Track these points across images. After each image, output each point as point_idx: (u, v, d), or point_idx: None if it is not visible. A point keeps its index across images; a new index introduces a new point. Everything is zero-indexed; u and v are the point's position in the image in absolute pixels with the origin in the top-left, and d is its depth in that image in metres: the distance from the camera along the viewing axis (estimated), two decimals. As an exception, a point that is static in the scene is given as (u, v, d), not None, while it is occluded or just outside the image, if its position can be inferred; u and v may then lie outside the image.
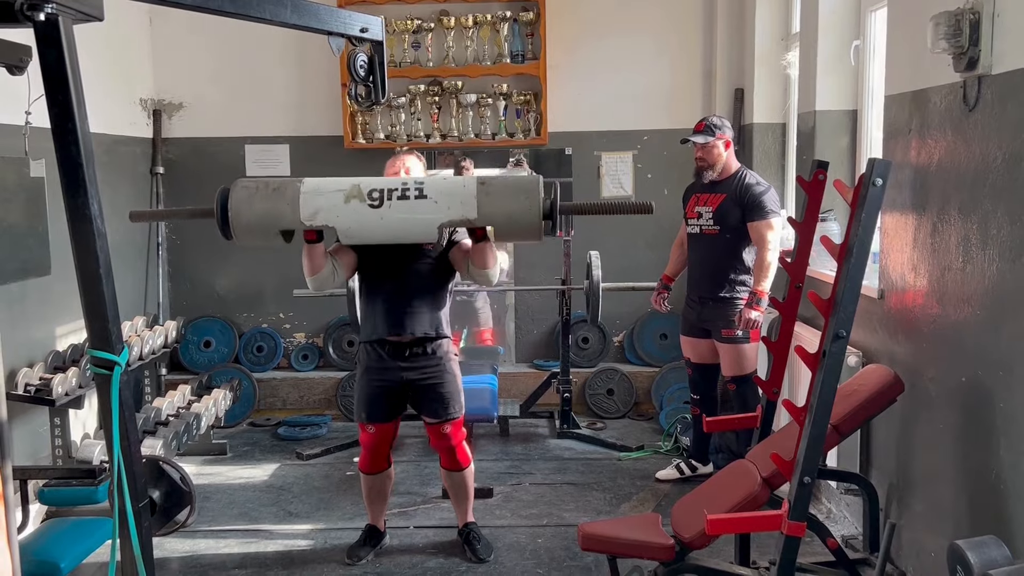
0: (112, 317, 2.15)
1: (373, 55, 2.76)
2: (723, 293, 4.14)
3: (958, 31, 2.61)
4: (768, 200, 4.05)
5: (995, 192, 2.61)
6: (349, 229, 2.93)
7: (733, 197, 4.10)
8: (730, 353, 4.15)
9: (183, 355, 5.79)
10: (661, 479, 4.47)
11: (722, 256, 4.15)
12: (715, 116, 4.21)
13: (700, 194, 4.24)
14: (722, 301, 4.14)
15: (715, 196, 4.15)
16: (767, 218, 4.03)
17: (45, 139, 2.09)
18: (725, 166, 4.16)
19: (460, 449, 3.61)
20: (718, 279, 4.16)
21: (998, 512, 2.61)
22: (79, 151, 2.04)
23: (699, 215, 4.21)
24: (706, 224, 4.18)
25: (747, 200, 4.06)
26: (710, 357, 4.30)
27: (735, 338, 4.11)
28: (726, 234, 4.12)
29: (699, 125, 4.16)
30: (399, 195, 2.87)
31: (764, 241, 4.02)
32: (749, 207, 4.05)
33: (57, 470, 3.64)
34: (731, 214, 4.10)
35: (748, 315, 4.00)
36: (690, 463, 4.47)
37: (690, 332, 4.36)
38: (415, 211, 2.88)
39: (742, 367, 4.13)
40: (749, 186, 4.09)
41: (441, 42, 5.68)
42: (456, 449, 3.59)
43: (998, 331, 2.62)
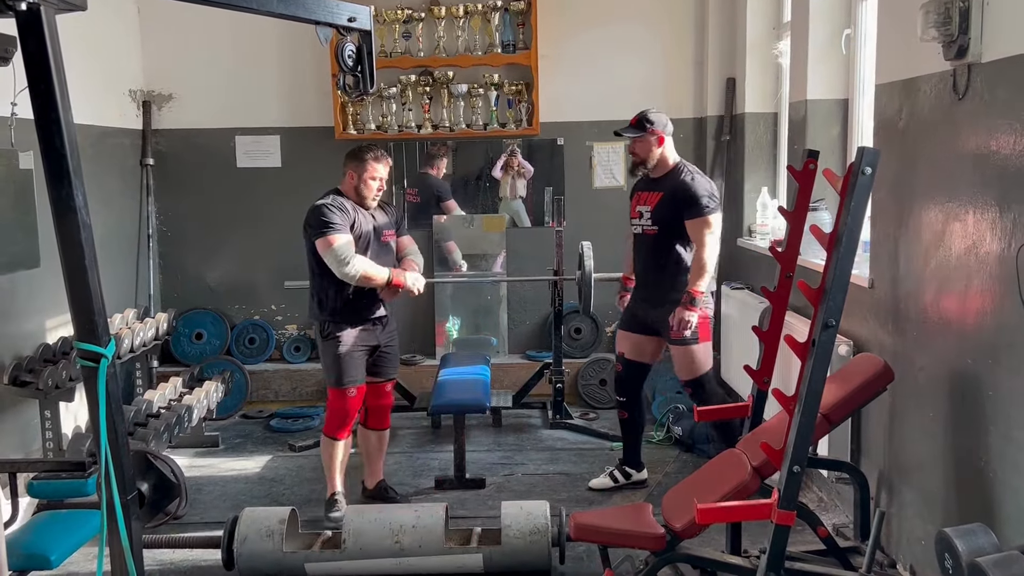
0: (98, 309, 2.13)
1: (361, 45, 2.74)
2: (670, 294, 3.95)
3: (947, 19, 2.61)
4: (706, 197, 3.89)
5: (984, 180, 2.61)
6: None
7: (670, 195, 3.94)
8: (680, 356, 4.00)
9: (174, 347, 5.78)
10: (594, 488, 4.26)
11: (664, 256, 3.99)
12: (652, 111, 4.00)
13: (642, 192, 4.09)
14: (671, 303, 3.93)
15: (654, 195, 3.99)
16: (703, 215, 3.87)
17: (33, 131, 2.07)
18: (661, 162, 3.98)
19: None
20: (663, 280, 4.00)
21: (986, 500, 2.62)
22: (63, 142, 2.02)
23: (640, 215, 4.05)
24: (646, 224, 4.01)
25: (683, 197, 3.90)
26: (647, 356, 4.16)
27: (684, 340, 3.94)
28: (666, 234, 3.96)
29: (633, 119, 4.00)
30: None
31: (701, 239, 3.86)
32: (685, 204, 3.89)
33: (46, 463, 3.62)
34: (669, 213, 3.93)
35: (682, 315, 3.85)
36: (624, 470, 4.29)
37: (631, 327, 4.17)
38: None
39: (693, 370, 3.99)
40: (686, 183, 3.92)
41: (432, 32, 5.65)
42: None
43: (987, 320, 2.62)
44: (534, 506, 3.45)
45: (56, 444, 4.14)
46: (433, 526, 3.34)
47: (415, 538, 3.31)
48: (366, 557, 3.30)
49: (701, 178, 3.98)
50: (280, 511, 3.45)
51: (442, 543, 3.32)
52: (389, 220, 4.00)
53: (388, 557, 3.30)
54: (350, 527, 3.35)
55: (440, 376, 4.89)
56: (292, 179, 5.77)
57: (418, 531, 3.32)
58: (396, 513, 3.45)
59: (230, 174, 5.81)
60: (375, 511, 3.50)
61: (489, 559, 3.31)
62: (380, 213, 3.96)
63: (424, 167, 5.88)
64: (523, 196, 5.91)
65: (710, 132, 5.65)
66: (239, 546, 3.31)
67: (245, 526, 3.35)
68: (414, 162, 5.89)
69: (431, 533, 3.32)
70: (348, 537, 3.32)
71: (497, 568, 3.33)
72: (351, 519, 3.38)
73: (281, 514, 3.41)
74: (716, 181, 5.60)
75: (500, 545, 3.32)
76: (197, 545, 3.51)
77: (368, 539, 3.31)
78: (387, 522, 3.36)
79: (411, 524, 3.34)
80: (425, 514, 3.40)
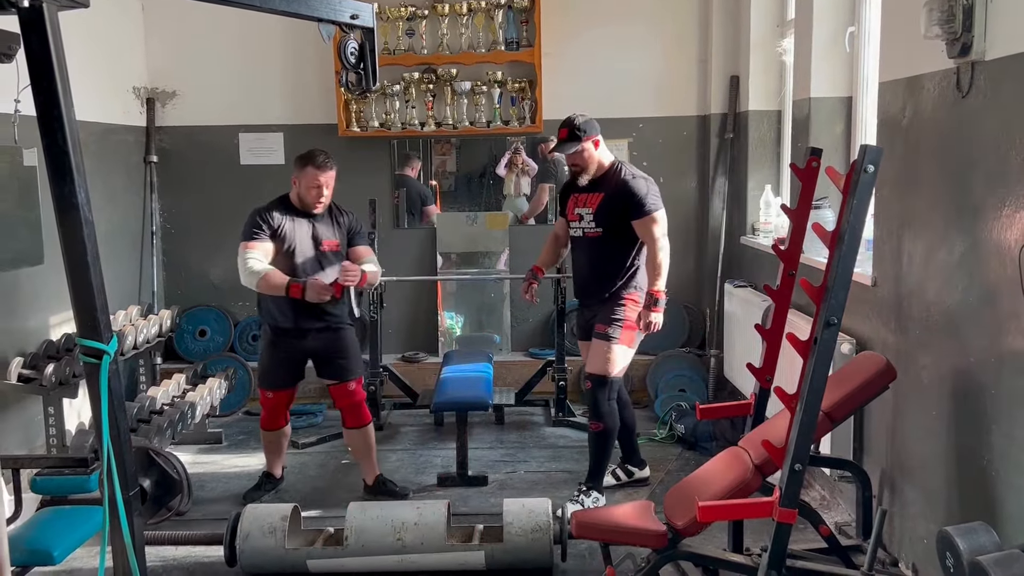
0: (100, 306, 2.14)
1: (364, 42, 2.74)
2: (609, 294, 3.92)
3: (951, 17, 2.60)
4: (649, 195, 3.85)
5: (988, 178, 2.61)
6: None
7: (612, 196, 3.88)
8: (596, 349, 3.93)
9: (178, 344, 5.79)
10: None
11: (608, 258, 3.93)
12: (578, 116, 3.92)
13: (578, 194, 4.00)
14: (609, 298, 3.92)
15: (593, 196, 3.93)
16: (651, 213, 3.82)
17: (36, 127, 2.07)
18: (598, 164, 3.95)
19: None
20: (605, 282, 3.94)
21: (988, 499, 2.61)
22: (65, 139, 2.03)
23: (580, 217, 3.97)
24: (588, 227, 3.94)
25: (627, 197, 3.84)
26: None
27: (606, 335, 3.89)
28: (609, 235, 3.90)
29: (563, 132, 3.91)
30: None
31: (652, 238, 3.82)
32: (630, 205, 3.83)
33: (49, 459, 3.63)
34: (612, 214, 3.88)
35: (649, 318, 3.81)
36: (626, 468, 4.29)
37: (585, 336, 4.11)
38: None
39: (604, 367, 3.90)
40: (626, 182, 3.87)
41: (435, 29, 5.65)
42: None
43: (990, 319, 2.62)
44: (536, 503, 3.45)
45: (59, 440, 4.15)
46: (435, 523, 3.34)
47: (417, 535, 3.32)
48: (368, 554, 3.31)
49: (640, 176, 3.93)
50: (282, 508, 3.45)
51: (444, 540, 3.32)
52: (334, 230, 4.00)
53: (390, 554, 3.31)
54: (352, 524, 3.35)
55: (443, 373, 4.90)
56: (295, 176, 5.77)
57: (420, 528, 3.33)
58: (398, 510, 3.46)
59: (233, 171, 5.82)
60: (377, 508, 3.51)
61: (491, 556, 3.32)
62: (325, 222, 3.99)
63: (401, 168, 5.88)
64: (527, 193, 5.91)
65: (713, 130, 5.64)
66: (241, 543, 3.32)
67: (247, 523, 3.36)
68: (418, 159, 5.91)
69: (433, 530, 3.33)
70: (350, 534, 3.32)
71: (499, 565, 3.33)
72: (353, 516, 3.39)
73: (283, 511, 3.42)
74: (719, 179, 5.62)
75: (502, 542, 3.32)
76: (199, 542, 3.52)
77: (370, 536, 3.32)
78: (389, 519, 3.36)
79: (413, 521, 3.35)
80: (427, 511, 3.41)
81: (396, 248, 5.81)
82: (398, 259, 5.76)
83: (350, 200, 5.65)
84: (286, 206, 3.96)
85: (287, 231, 3.90)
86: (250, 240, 3.86)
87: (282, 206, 3.96)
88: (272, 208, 3.94)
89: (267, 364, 4.10)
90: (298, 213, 3.95)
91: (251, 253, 3.84)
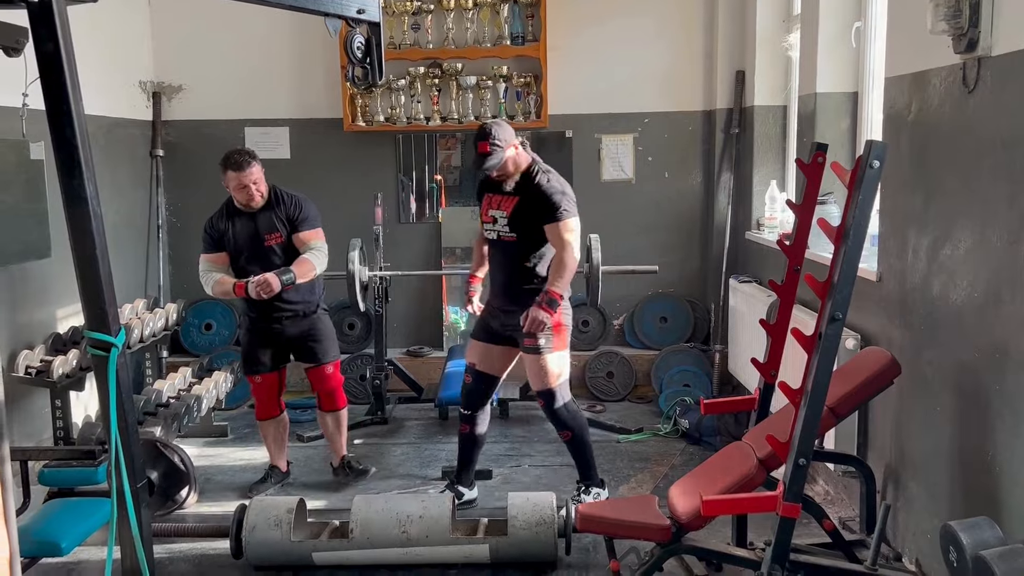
0: (109, 299, 2.15)
1: (370, 36, 2.75)
2: (529, 301, 3.71)
3: (958, 12, 2.60)
4: (564, 199, 3.69)
5: (993, 175, 2.61)
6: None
7: (527, 200, 3.72)
8: (531, 365, 3.80)
9: (184, 338, 5.81)
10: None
11: (523, 263, 3.77)
12: (492, 124, 3.72)
13: (492, 195, 3.81)
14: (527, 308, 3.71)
15: (508, 199, 3.75)
16: (564, 219, 3.68)
17: (44, 121, 2.08)
18: (518, 168, 3.76)
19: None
20: (521, 287, 3.77)
21: (992, 494, 2.62)
22: (74, 133, 2.04)
23: (494, 219, 3.79)
24: (503, 231, 3.77)
25: (541, 202, 3.69)
26: (497, 368, 3.94)
27: (537, 348, 3.75)
28: (525, 240, 3.74)
29: (483, 147, 3.66)
30: None
31: (563, 243, 3.67)
32: (544, 209, 3.68)
33: (57, 451, 3.66)
34: (527, 218, 3.71)
35: (535, 314, 3.63)
36: (456, 489, 4.00)
37: (484, 337, 3.93)
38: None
39: (544, 381, 3.78)
40: (540, 186, 3.70)
41: (441, 24, 5.65)
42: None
43: (995, 314, 2.62)
44: (540, 497, 3.46)
45: (66, 433, 4.17)
46: (440, 516, 3.36)
47: (422, 528, 3.33)
48: (373, 546, 3.33)
49: (555, 179, 3.77)
50: (288, 500, 3.47)
51: (449, 533, 3.34)
52: (276, 222, 4.02)
53: (395, 547, 3.32)
54: (357, 517, 3.37)
55: (447, 368, 4.92)
56: (301, 171, 5.78)
57: (425, 521, 3.34)
58: (403, 503, 3.47)
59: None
60: (382, 501, 3.52)
61: (495, 550, 3.33)
62: (267, 216, 4.03)
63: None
64: (531, 188, 5.90)
65: (719, 125, 5.64)
66: (248, 535, 3.34)
67: (254, 515, 3.38)
68: (423, 154, 5.90)
69: (438, 523, 3.34)
70: (355, 527, 3.34)
71: (503, 559, 3.35)
72: (359, 509, 3.41)
73: (289, 503, 3.43)
74: (724, 174, 5.62)
75: (506, 536, 3.34)
76: (206, 534, 3.54)
77: (375, 529, 3.34)
78: (394, 512, 3.38)
79: (418, 514, 3.36)
80: (432, 504, 3.42)
81: (401, 242, 5.82)
82: (403, 253, 5.77)
83: (355, 194, 5.72)
84: (230, 210, 4.07)
85: (230, 235, 4.03)
86: (203, 253, 4.08)
87: (226, 211, 4.08)
88: (217, 216, 4.09)
89: (246, 350, 4.24)
90: (241, 213, 4.04)
91: (203, 266, 4.07)
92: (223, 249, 4.03)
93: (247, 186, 3.93)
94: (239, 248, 4.03)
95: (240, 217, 4.03)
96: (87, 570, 3.39)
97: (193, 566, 3.51)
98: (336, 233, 5.46)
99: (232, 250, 4.03)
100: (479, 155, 3.70)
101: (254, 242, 4.01)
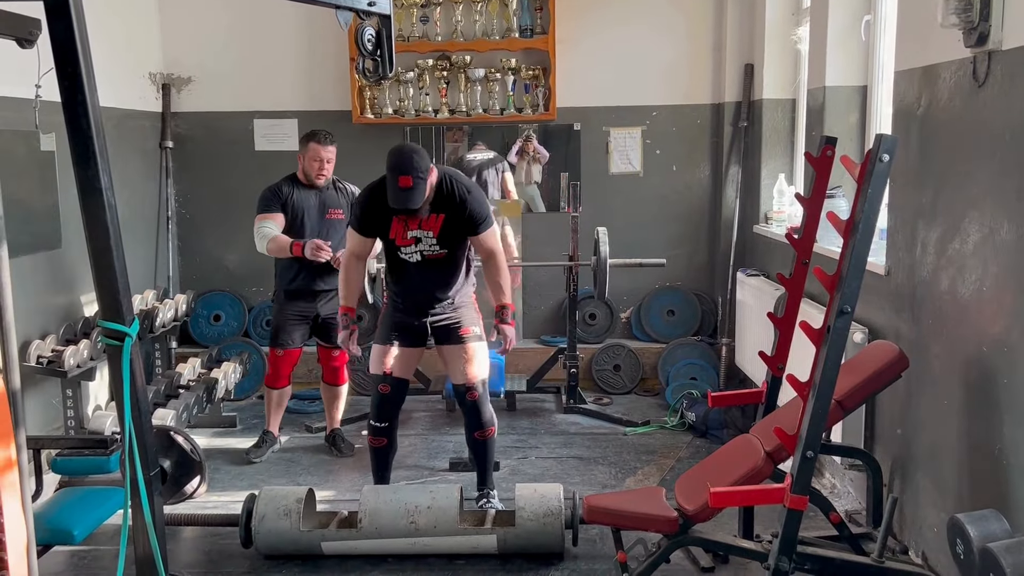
0: (123, 289, 2.18)
1: (381, 29, 2.76)
2: (459, 300, 3.77)
3: (968, 6, 2.59)
4: (485, 207, 3.66)
5: (1003, 169, 2.61)
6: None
7: (452, 215, 3.58)
8: (474, 355, 3.72)
9: (193, 329, 5.83)
10: None
11: (453, 273, 3.74)
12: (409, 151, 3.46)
13: (407, 217, 3.56)
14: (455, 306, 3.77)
15: (431, 218, 3.58)
16: (491, 226, 3.67)
17: (55, 112, 2.10)
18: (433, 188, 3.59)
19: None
20: (449, 292, 3.74)
21: (999, 487, 2.63)
22: (89, 124, 2.06)
23: (417, 240, 3.61)
24: (429, 249, 3.62)
25: (469, 216, 3.58)
26: (410, 372, 3.88)
27: (477, 336, 3.74)
28: (453, 253, 3.67)
29: (405, 181, 3.37)
30: None
31: (495, 250, 3.67)
32: (473, 221, 3.59)
33: (70, 440, 3.69)
34: (455, 233, 3.61)
35: (510, 332, 3.70)
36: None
37: (408, 341, 3.78)
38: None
39: (483, 369, 3.74)
40: (465, 201, 3.57)
41: (450, 16, 5.65)
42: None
43: (1004, 308, 2.62)
44: (548, 489, 3.48)
45: (77, 422, 4.20)
46: (448, 507, 3.38)
47: (430, 519, 3.35)
48: (381, 536, 3.35)
49: (469, 187, 3.66)
50: (297, 490, 3.50)
51: (456, 524, 3.35)
52: (339, 199, 4.49)
53: (403, 537, 3.35)
54: (366, 507, 3.39)
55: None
56: (309, 163, 5.80)
57: (433, 512, 3.36)
58: (412, 494, 3.49)
59: (248, 157, 5.84)
60: (390, 492, 3.55)
61: (503, 541, 3.35)
62: (331, 192, 4.50)
63: None
64: (538, 181, 5.92)
65: (727, 118, 5.63)
66: (257, 524, 3.36)
67: (263, 505, 3.40)
68: (431, 146, 5.90)
69: (446, 514, 3.36)
70: (364, 517, 3.36)
71: (511, 550, 3.37)
72: (367, 499, 3.43)
73: (298, 493, 3.46)
74: (732, 168, 5.62)
75: (514, 527, 3.36)
76: (216, 523, 3.57)
77: (384, 519, 3.36)
78: (403, 502, 3.40)
79: (426, 505, 3.38)
80: (440, 495, 3.44)
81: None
82: (411, 246, 5.78)
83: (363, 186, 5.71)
84: (294, 182, 4.47)
85: (295, 202, 4.41)
86: (263, 212, 4.39)
87: (290, 182, 4.47)
88: (282, 184, 4.46)
89: (279, 323, 4.53)
90: (304, 187, 4.45)
91: (263, 223, 4.36)
92: (283, 212, 4.38)
93: (323, 160, 4.37)
94: (302, 216, 4.40)
95: (304, 189, 4.43)
96: (99, 558, 3.42)
97: (203, 554, 3.54)
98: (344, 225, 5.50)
99: (295, 217, 4.39)
100: (401, 190, 3.35)
101: (317, 213, 4.42)
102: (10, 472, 1.87)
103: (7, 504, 1.84)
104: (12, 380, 1.98)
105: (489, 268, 3.73)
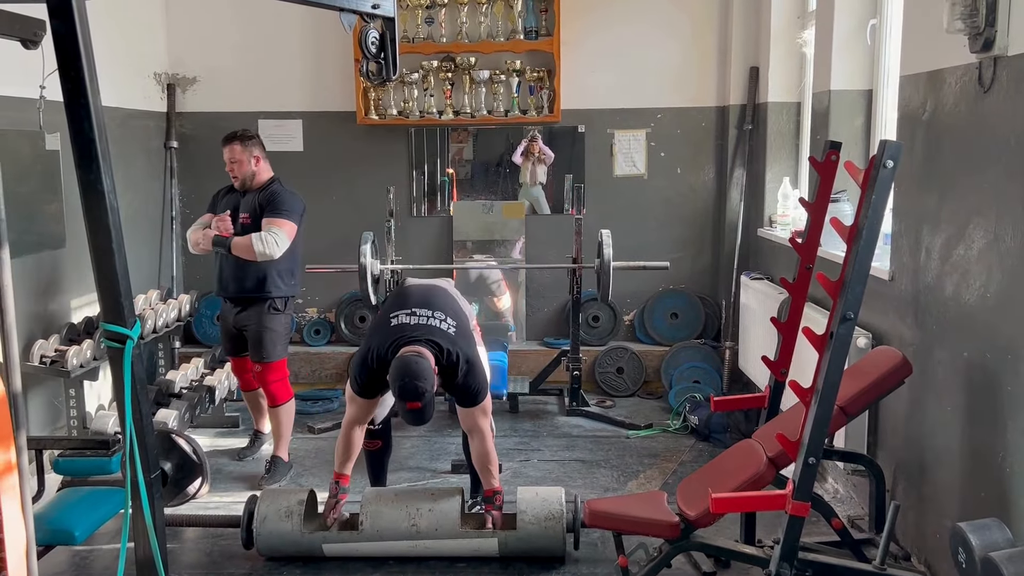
0: (124, 291, 2.17)
1: (385, 32, 2.75)
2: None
3: (974, 11, 2.59)
4: (484, 385, 3.46)
5: (1008, 175, 2.60)
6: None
7: (451, 385, 3.41)
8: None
9: (196, 329, 5.84)
10: None
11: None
12: (414, 380, 3.14)
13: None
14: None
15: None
16: (483, 403, 3.46)
17: (60, 113, 2.10)
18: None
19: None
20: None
21: (1002, 495, 2.61)
22: (91, 125, 2.05)
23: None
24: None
25: (462, 388, 3.41)
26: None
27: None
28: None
29: (415, 405, 3.15)
30: None
31: (477, 427, 3.47)
32: (466, 394, 3.42)
33: (72, 440, 3.69)
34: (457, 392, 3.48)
35: (494, 517, 3.41)
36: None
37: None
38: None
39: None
40: (464, 378, 3.38)
41: (454, 18, 5.65)
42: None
43: (1008, 314, 2.61)
44: (549, 492, 3.47)
45: (80, 423, 4.21)
46: (449, 510, 3.37)
47: (431, 521, 3.35)
48: (383, 539, 3.35)
49: (471, 358, 3.43)
50: (299, 492, 3.50)
51: (458, 527, 3.35)
52: (253, 204, 4.26)
53: (404, 539, 3.34)
54: (368, 509, 3.39)
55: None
56: (314, 163, 5.81)
57: (434, 514, 3.36)
58: (413, 496, 3.49)
59: (252, 158, 5.84)
60: (392, 494, 3.54)
61: (504, 544, 3.35)
62: (249, 197, 4.30)
63: None
64: (543, 183, 5.91)
65: (732, 121, 5.62)
66: (258, 525, 3.36)
67: (264, 506, 3.40)
68: (435, 148, 5.91)
69: (447, 517, 3.36)
70: (365, 519, 3.36)
71: (512, 553, 3.36)
72: (369, 501, 3.43)
73: (300, 495, 3.46)
74: (737, 171, 5.61)
75: (515, 530, 3.35)
76: (217, 524, 3.57)
77: (385, 521, 3.36)
78: (404, 505, 3.40)
79: (428, 507, 3.38)
80: (442, 498, 3.44)
81: (412, 236, 5.84)
82: (414, 247, 5.78)
83: (367, 187, 5.74)
84: (229, 187, 4.42)
85: (223, 205, 4.35)
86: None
87: (227, 187, 4.44)
88: (224, 187, 4.45)
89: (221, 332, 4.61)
90: (234, 190, 4.38)
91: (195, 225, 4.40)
92: (213, 214, 4.37)
93: (227, 161, 4.28)
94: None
95: (231, 193, 4.38)
96: (100, 558, 3.42)
97: (204, 555, 3.54)
98: (348, 226, 5.50)
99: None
100: (409, 411, 3.18)
101: (231, 217, 4.29)
102: (10, 475, 1.87)
103: (7, 506, 1.84)
104: (13, 382, 1.98)
105: (472, 443, 3.48)
